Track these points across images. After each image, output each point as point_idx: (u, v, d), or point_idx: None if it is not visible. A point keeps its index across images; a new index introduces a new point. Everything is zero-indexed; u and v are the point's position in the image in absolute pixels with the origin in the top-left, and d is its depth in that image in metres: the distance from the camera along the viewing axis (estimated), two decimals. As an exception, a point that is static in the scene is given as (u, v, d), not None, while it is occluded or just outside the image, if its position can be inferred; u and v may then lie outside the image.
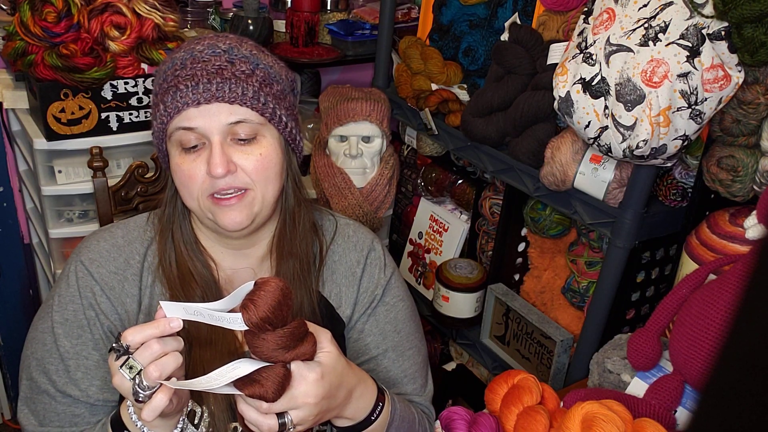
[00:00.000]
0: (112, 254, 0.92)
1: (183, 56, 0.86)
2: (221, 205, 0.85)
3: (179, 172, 0.86)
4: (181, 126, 0.84)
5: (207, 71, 0.83)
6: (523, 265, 1.64)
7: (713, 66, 0.97)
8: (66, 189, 1.68)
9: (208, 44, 0.86)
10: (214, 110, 0.83)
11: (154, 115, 0.88)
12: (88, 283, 0.90)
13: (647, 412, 0.86)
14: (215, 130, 0.83)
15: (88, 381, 0.89)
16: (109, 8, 1.47)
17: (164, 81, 0.86)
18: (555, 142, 1.26)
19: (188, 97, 0.82)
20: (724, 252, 1.01)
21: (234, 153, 0.85)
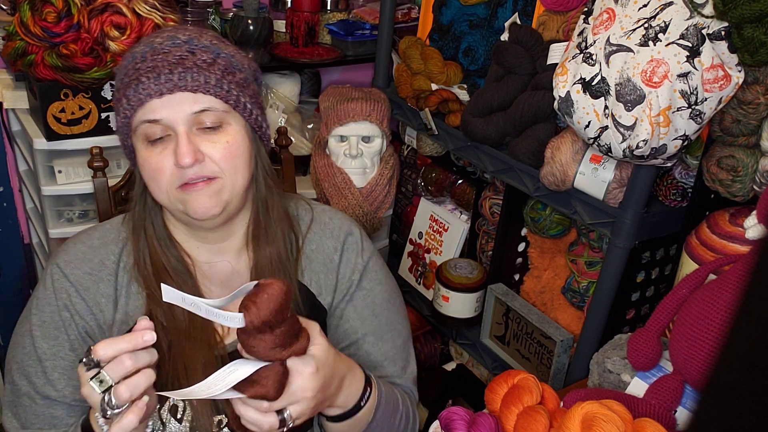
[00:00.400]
0: (88, 255, 0.93)
1: (143, 50, 0.86)
2: (189, 191, 0.85)
3: (147, 166, 0.86)
4: (145, 119, 0.84)
5: (168, 62, 0.83)
6: (523, 265, 1.64)
7: (713, 66, 0.97)
8: (66, 189, 1.68)
9: (168, 36, 0.86)
10: (177, 100, 0.82)
11: (117, 111, 0.87)
12: (63, 285, 0.91)
13: (647, 412, 0.86)
14: (180, 120, 0.83)
15: (65, 382, 0.89)
16: (109, 8, 1.47)
17: (125, 75, 0.85)
18: (555, 142, 1.26)
19: (150, 88, 0.82)
20: (724, 252, 1.01)
21: (201, 142, 0.84)
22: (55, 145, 1.61)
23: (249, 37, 1.99)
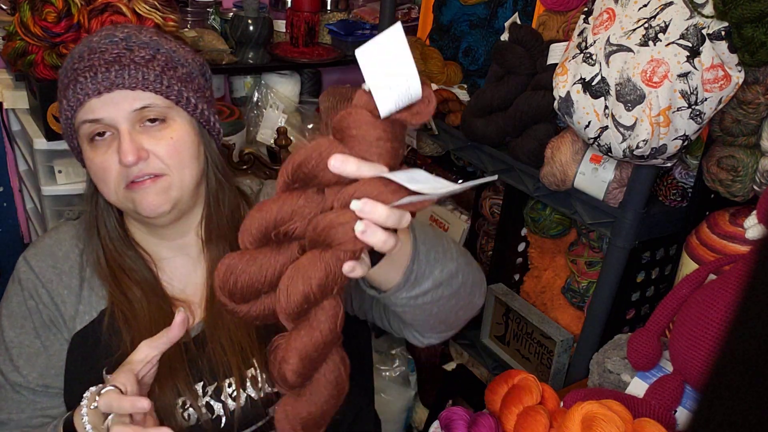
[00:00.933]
0: (53, 249, 0.94)
1: (81, 49, 0.85)
2: (136, 189, 0.84)
3: (93, 166, 0.85)
4: (86, 119, 0.83)
5: (105, 60, 0.82)
6: (523, 265, 1.64)
7: (713, 66, 0.97)
8: (66, 189, 1.69)
9: (105, 35, 0.85)
10: (116, 98, 0.82)
11: (60, 112, 0.87)
12: (29, 277, 0.92)
13: (647, 412, 0.86)
14: (121, 118, 0.82)
15: (29, 368, 0.90)
16: (109, 8, 1.47)
17: (64, 77, 0.85)
18: (555, 142, 1.26)
19: (88, 87, 0.81)
20: (724, 252, 1.01)
21: (144, 140, 0.83)
22: (55, 145, 1.61)
23: (249, 37, 1.99)
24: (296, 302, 0.57)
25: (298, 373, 0.58)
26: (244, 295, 0.60)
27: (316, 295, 0.58)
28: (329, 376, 0.61)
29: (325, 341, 0.59)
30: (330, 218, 0.56)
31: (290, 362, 0.58)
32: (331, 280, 0.57)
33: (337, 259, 0.57)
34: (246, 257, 0.60)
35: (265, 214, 0.59)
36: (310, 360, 0.59)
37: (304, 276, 0.57)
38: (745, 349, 0.28)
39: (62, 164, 1.67)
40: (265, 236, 0.59)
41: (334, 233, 0.56)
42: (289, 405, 0.62)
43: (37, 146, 1.60)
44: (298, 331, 0.59)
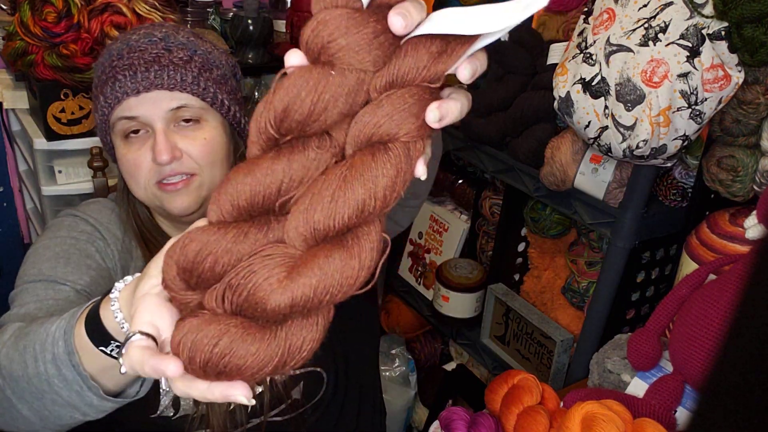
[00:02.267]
0: (103, 212, 0.94)
1: (119, 47, 0.86)
2: (168, 191, 0.86)
3: (125, 162, 0.87)
4: (122, 116, 0.84)
5: (144, 59, 0.83)
6: (523, 265, 1.64)
7: (713, 66, 0.97)
8: (66, 189, 1.69)
9: (144, 33, 0.87)
10: (154, 98, 0.83)
11: (95, 108, 0.88)
12: (82, 225, 0.91)
13: (647, 412, 0.86)
14: (157, 117, 0.84)
15: (79, 273, 0.85)
16: (109, 8, 1.47)
17: (102, 73, 0.86)
18: (555, 142, 1.26)
19: (127, 86, 0.83)
20: (724, 252, 1.01)
21: (179, 139, 0.85)
22: (55, 145, 1.61)
23: (249, 37, 1.99)
24: (345, 214, 0.43)
25: (294, 307, 0.43)
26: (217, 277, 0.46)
27: (376, 207, 0.43)
28: (305, 336, 0.44)
29: (357, 280, 0.44)
30: (387, 108, 0.43)
31: (300, 284, 0.42)
32: (399, 184, 0.43)
33: (407, 154, 0.44)
34: (231, 233, 0.45)
35: (264, 180, 0.45)
36: (320, 297, 0.43)
37: (365, 178, 0.43)
38: (745, 349, 0.28)
39: (62, 164, 1.67)
40: (259, 210, 0.46)
41: (399, 119, 0.43)
42: (229, 336, 0.43)
43: (37, 146, 1.60)
44: (329, 252, 0.43)
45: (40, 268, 0.84)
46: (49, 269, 0.84)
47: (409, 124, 0.43)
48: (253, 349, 0.43)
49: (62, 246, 0.87)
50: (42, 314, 0.78)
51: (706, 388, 0.30)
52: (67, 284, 0.83)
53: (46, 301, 0.81)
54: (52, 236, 0.89)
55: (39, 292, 0.82)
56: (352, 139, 0.44)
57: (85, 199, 1.73)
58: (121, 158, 0.88)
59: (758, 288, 0.28)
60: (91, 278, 0.85)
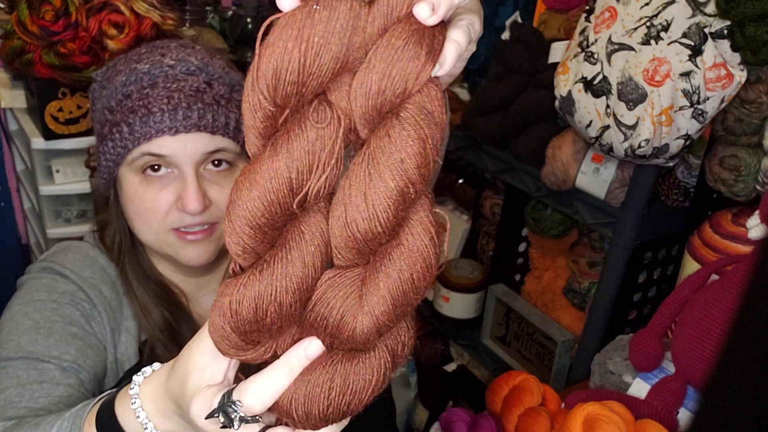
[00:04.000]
0: (85, 263, 0.84)
1: (150, 70, 0.76)
2: (186, 240, 0.78)
3: (138, 201, 0.77)
4: (149, 152, 0.75)
5: (185, 93, 0.74)
6: (524, 265, 1.64)
7: (715, 65, 0.97)
8: (64, 189, 1.68)
9: (179, 58, 0.77)
10: (191, 139, 0.74)
11: (110, 135, 0.77)
12: (61, 283, 0.80)
13: (649, 413, 0.85)
14: (190, 159, 0.75)
15: (62, 348, 0.75)
16: (108, 7, 1.46)
17: (126, 97, 0.76)
18: (556, 142, 1.25)
19: (164, 123, 0.73)
20: (726, 252, 1.00)
21: (208, 187, 0.77)
22: (52, 145, 1.60)
23: (248, 36, 1.99)
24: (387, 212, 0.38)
25: (384, 329, 0.41)
26: (294, 316, 0.42)
27: (416, 189, 0.38)
28: (401, 335, 0.44)
29: (429, 276, 0.41)
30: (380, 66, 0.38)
31: (376, 313, 0.40)
32: (430, 151, 0.39)
33: (425, 108, 0.39)
34: (275, 266, 0.41)
35: (271, 185, 0.39)
36: (403, 307, 0.42)
37: (391, 165, 0.38)
38: (747, 350, 0.28)
39: (60, 164, 1.66)
40: (283, 217, 0.40)
41: (399, 71, 0.38)
42: (340, 374, 0.42)
43: (35, 146, 1.60)
44: (388, 263, 0.40)
45: (19, 341, 0.74)
46: (28, 343, 0.73)
47: (411, 70, 0.38)
48: (368, 376, 0.42)
49: (42, 312, 0.77)
50: (25, 403, 0.69)
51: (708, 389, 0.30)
52: (51, 361, 0.73)
53: (28, 385, 0.71)
54: (29, 300, 0.78)
55: (20, 374, 0.72)
56: (361, 118, 0.39)
57: (83, 199, 1.73)
58: (131, 195, 0.78)
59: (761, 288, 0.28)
60: (77, 349, 0.76)
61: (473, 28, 0.42)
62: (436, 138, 0.39)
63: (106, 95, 0.78)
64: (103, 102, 0.79)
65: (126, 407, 0.54)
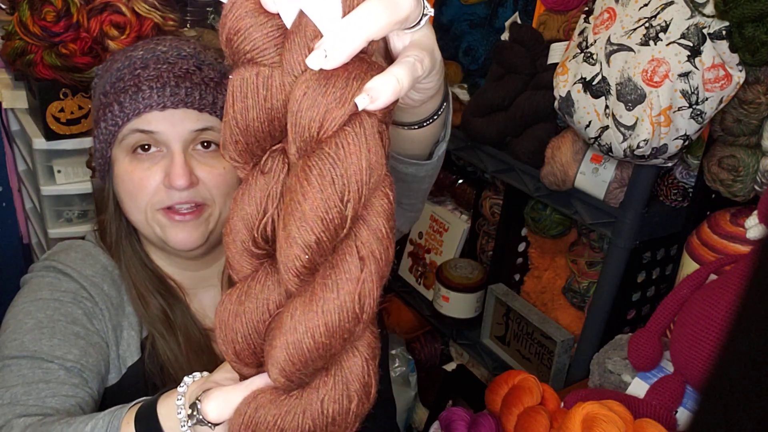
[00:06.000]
0: (87, 261, 0.85)
1: (144, 56, 0.78)
2: (174, 220, 0.79)
3: (128, 180, 0.78)
4: (138, 128, 0.77)
5: (174, 74, 0.76)
6: (523, 265, 1.64)
7: (714, 65, 0.97)
8: (65, 189, 1.69)
9: (172, 46, 0.80)
10: (179, 116, 0.76)
11: (103, 117, 0.79)
12: (64, 281, 0.81)
13: (648, 412, 0.85)
14: (178, 137, 0.77)
15: (65, 348, 0.77)
16: (109, 7, 1.47)
17: (119, 80, 0.77)
18: (555, 142, 1.26)
19: (152, 99, 0.75)
20: (725, 252, 1.00)
21: (196, 165, 0.78)
22: (54, 145, 1.61)
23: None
24: (292, 256, 0.39)
25: (281, 369, 0.42)
26: (251, 348, 0.44)
27: (316, 234, 0.39)
28: (327, 394, 0.42)
29: (329, 325, 0.39)
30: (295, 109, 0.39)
31: (275, 347, 0.41)
32: (335, 193, 0.38)
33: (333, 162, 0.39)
34: (235, 295, 0.44)
35: (234, 225, 0.43)
36: (301, 352, 0.40)
37: (294, 205, 0.39)
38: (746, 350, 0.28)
39: (61, 164, 1.67)
40: (251, 254, 0.44)
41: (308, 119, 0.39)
42: (254, 404, 0.44)
43: (36, 146, 1.60)
44: (294, 301, 0.41)
45: (23, 340, 0.75)
46: (32, 342, 0.75)
47: (312, 117, 0.39)
48: (270, 418, 0.43)
49: (45, 311, 0.78)
50: (33, 401, 0.70)
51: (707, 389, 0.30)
52: (55, 362, 0.74)
53: (35, 384, 0.72)
54: (33, 298, 0.79)
55: (24, 372, 0.73)
56: (293, 159, 0.41)
57: (84, 199, 1.73)
58: (122, 175, 0.79)
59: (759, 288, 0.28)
60: (81, 349, 0.77)
61: (422, 64, 0.42)
62: (341, 186, 0.39)
63: (101, 83, 0.81)
64: (98, 89, 0.81)
65: (170, 405, 0.55)
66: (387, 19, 0.38)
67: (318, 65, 0.38)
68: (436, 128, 0.62)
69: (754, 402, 0.27)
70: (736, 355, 0.28)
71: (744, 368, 0.27)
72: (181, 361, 0.83)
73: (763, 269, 0.28)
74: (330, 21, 0.38)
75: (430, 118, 0.60)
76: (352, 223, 0.39)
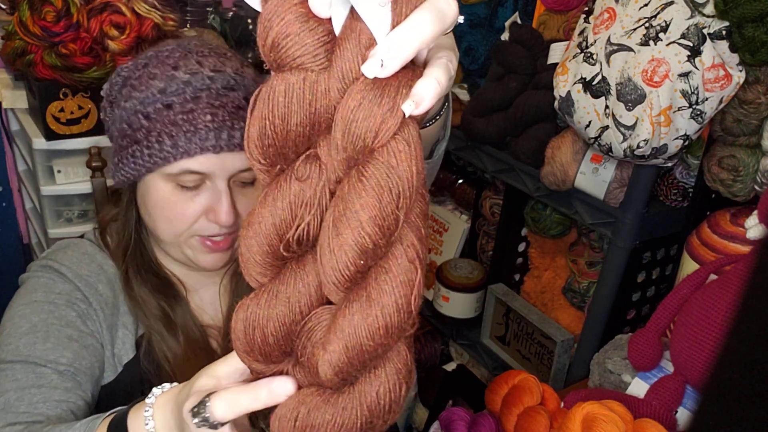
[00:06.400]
0: (83, 260, 0.85)
1: (191, 82, 0.76)
2: (208, 247, 0.81)
3: (168, 208, 0.79)
4: (190, 169, 0.76)
5: (228, 111, 0.75)
6: (523, 265, 1.64)
7: (714, 65, 0.97)
8: (65, 189, 1.69)
9: (217, 69, 0.77)
10: (231, 157, 0.76)
11: (146, 142, 0.76)
12: (58, 282, 0.82)
13: (648, 412, 0.85)
14: (226, 175, 0.77)
15: (59, 352, 0.77)
16: (109, 8, 1.47)
17: (167, 107, 0.75)
18: (555, 142, 1.26)
19: (209, 141, 0.74)
20: (725, 252, 1.00)
21: (237, 199, 0.80)
22: (54, 145, 1.60)
23: (249, 37, 1.99)
24: (344, 262, 0.40)
25: (338, 369, 0.42)
26: (282, 347, 0.45)
27: (373, 241, 0.40)
28: (379, 390, 0.43)
29: (388, 325, 0.41)
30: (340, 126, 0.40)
31: (330, 350, 0.41)
32: (387, 205, 0.40)
33: (390, 164, 0.40)
34: (264, 297, 0.44)
35: (261, 228, 0.43)
36: (359, 353, 0.41)
37: (348, 218, 0.40)
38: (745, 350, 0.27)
39: (61, 164, 1.67)
40: (276, 257, 0.44)
41: (364, 130, 0.39)
42: (305, 406, 0.44)
43: (36, 146, 1.60)
44: (349, 305, 0.41)
45: (18, 344, 0.76)
46: (26, 347, 0.76)
47: (368, 128, 0.39)
48: (328, 417, 0.43)
49: (40, 315, 0.79)
50: (24, 408, 0.71)
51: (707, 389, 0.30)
52: (48, 366, 0.75)
53: (28, 389, 0.73)
54: (28, 301, 0.80)
55: (18, 376, 0.74)
56: (337, 171, 0.42)
57: (84, 199, 1.73)
58: (160, 200, 0.78)
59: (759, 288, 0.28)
60: (74, 352, 0.77)
61: (452, 65, 0.43)
62: (396, 191, 0.40)
63: (139, 98, 0.77)
64: (134, 104, 0.77)
65: (139, 416, 0.55)
66: (436, 29, 0.39)
67: (374, 73, 0.39)
68: (436, 128, 0.63)
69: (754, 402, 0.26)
70: (736, 355, 0.28)
71: (744, 368, 0.27)
72: (180, 359, 0.84)
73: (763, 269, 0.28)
74: (383, 30, 0.39)
75: (432, 119, 0.60)
76: (402, 226, 0.41)
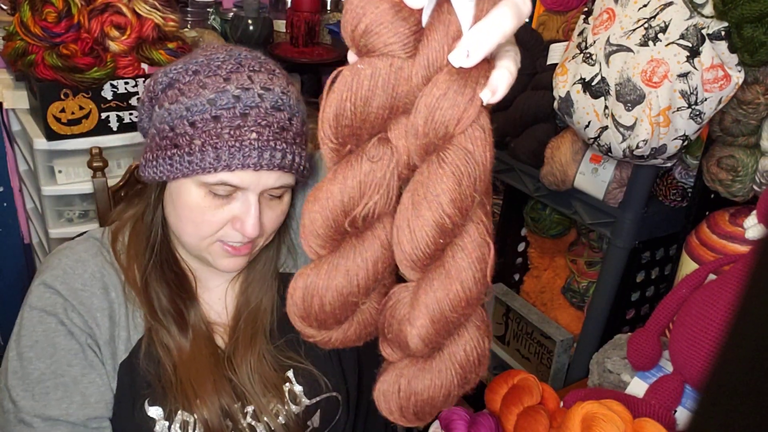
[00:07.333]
0: (77, 270, 0.86)
1: (242, 97, 0.76)
2: (229, 252, 0.82)
3: (197, 211, 0.80)
4: (228, 182, 0.77)
5: (273, 132, 0.76)
6: (523, 264, 1.64)
7: (713, 66, 0.97)
8: (66, 189, 1.69)
9: (267, 87, 0.78)
10: (267, 174, 0.78)
11: (187, 149, 0.77)
12: (56, 300, 0.84)
13: (647, 412, 0.86)
14: (259, 190, 0.79)
15: (68, 400, 0.81)
16: (109, 8, 1.47)
17: (215, 119, 0.75)
18: (555, 142, 1.26)
19: (251, 159, 0.75)
20: (724, 252, 1.01)
21: (265, 213, 0.81)
22: (55, 145, 1.61)
23: (249, 37, 1.99)
24: (428, 239, 0.44)
25: (427, 340, 0.46)
26: (337, 316, 0.48)
27: (452, 220, 0.43)
28: (466, 348, 0.48)
29: (468, 298, 0.45)
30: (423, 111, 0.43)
31: (417, 324, 0.45)
32: (467, 187, 0.43)
33: (467, 150, 0.44)
34: (324, 268, 0.47)
35: (328, 204, 0.46)
36: (444, 323, 0.45)
37: (429, 199, 0.43)
38: (745, 349, 0.28)
39: (62, 164, 1.67)
40: (338, 231, 0.47)
41: (448, 118, 0.43)
42: (405, 377, 0.48)
43: (37, 146, 1.60)
44: (430, 281, 0.45)
45: (33, 395, 0.81)
46: (40, 398, 0.81)
47: (452, 116, 0.43)
48: (428, 381, 0.47)
49: (44, 360, 0.82)
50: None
51: (706, 388, 0.30)
52: (60, 419, 0.80)
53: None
54: (32, 342, 0.83)
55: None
56: (413, 154, 0.45)
57: (85, 199, 1.73)
58: (191, 205, 0.80)
59: (758, 288, 0.28)
60: (81, 395, 0.82)
61: (518, 57, 0.46)
62: (474, 175, 0.44)
63: (186, 104, 0.77)
64: (179, 108, 0.78)
65: None
66: (515, 23, 0.42)
67: (460, 63, 0.41)
68: None
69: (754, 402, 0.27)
70: (735, 355, 0.28)
71: (743, 368, 0.27)
72: (186, 354, 0.86)
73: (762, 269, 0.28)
74: (468, 23, 0.42)
75: None
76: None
